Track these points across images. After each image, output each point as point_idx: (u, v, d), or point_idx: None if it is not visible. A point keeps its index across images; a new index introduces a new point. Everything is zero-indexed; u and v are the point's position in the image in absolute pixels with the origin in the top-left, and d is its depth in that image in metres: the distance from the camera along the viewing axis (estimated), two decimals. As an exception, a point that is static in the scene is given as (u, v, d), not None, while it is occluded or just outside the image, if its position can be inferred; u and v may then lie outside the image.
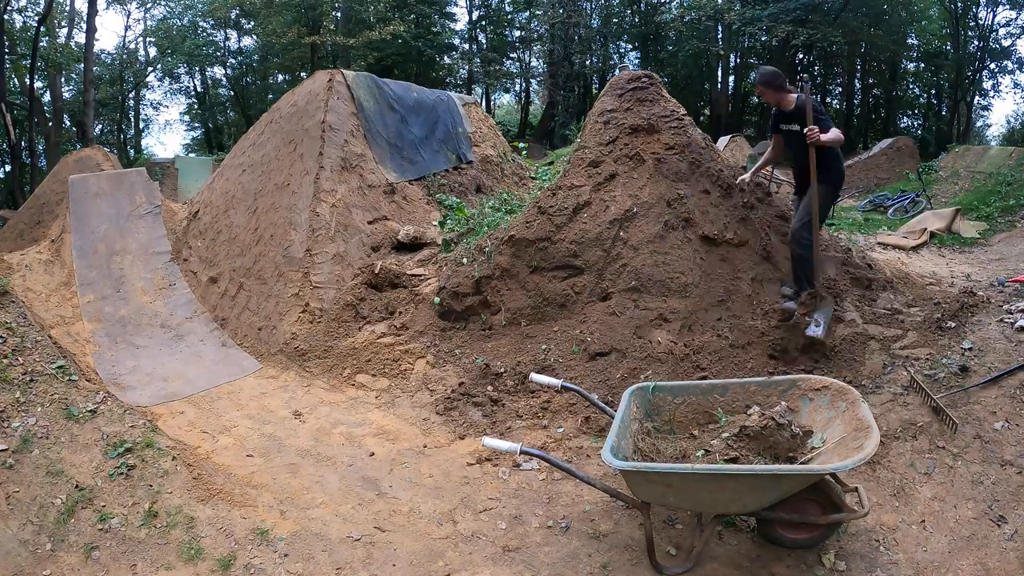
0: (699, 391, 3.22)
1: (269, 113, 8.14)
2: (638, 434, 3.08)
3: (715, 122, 26.66)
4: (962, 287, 5.11)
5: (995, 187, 11.38)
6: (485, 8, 32.46)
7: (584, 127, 5.77)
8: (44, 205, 9.71)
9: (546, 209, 5.25)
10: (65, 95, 24.79)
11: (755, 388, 3.18)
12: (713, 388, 3.22)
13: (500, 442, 2.95)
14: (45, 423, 3.57)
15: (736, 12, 23.12)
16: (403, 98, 8.23)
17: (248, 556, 3.04)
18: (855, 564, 2.78)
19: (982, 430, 3.17)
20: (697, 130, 5.35)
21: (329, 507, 3.47)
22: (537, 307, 5.04)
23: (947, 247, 8.43)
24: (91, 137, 20.44)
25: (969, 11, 25.30)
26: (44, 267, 6.99)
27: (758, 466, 2.63)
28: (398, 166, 7.65)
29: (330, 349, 5.50)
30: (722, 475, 2.53)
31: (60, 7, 23.74)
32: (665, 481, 2.62)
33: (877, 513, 3.02)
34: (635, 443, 3.02)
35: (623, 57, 31.63)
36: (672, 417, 3.20)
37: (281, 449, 4.14)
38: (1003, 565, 2.62)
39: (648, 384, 3.30)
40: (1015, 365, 3.39)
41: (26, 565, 2.90)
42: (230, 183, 7.73)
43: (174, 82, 33.21)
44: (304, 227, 6.36)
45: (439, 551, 3.08)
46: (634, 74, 5.62)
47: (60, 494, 3.22)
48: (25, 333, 4.22)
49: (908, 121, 30.82)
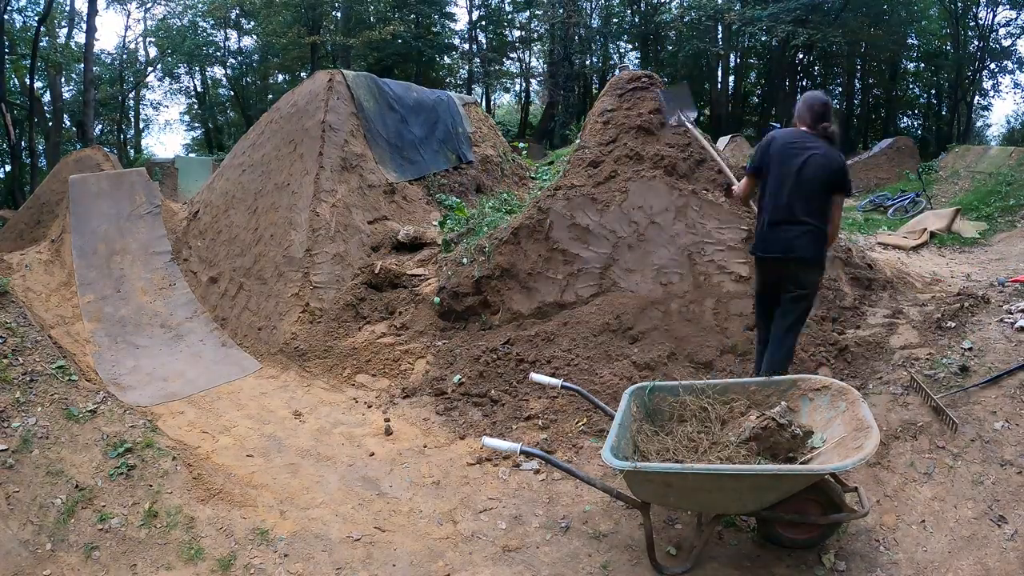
0: (698, 391, 3.22)
1: (269, 113, 8.14)
2: (638, 434, 3.08)
3: (715, 122, 26.68)
4: (962, 287, 5.11)
5: (995, 187, 11.38)
6: (485, 8, 32.46)
7: (584, 127, 5.77)
8: (44, 205, 9.70)
9: (546, 209, 5.25)
10: (65, 95, 24.80)
11: (755, 388, 3.17)
12: (712, 387, 3.22)
13: (500, 442, 2.94)
14: (45, 423, 3.57)
15: (736, 12, 23.12)
16: (403, 98, 8.23)
17: (248, 556, 3.04)
18: (855, 564, 2.78)
19: (982, 430, 3.17)
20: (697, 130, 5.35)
21: (329, 507, 3.47)
22: (538, 307, 5.04)
23: (947, 247, 8.43)
24: (91, 137, 20.46)
25: (969, 11, 25.30)
26: (44, 267, 6.99)
27: (758, 466, 2.63)
28: (398, 166, 7.65)
29: (330, 349, 5.50)
30: (722, 475, 2.53)
31: (60, 7, 23.77)
32: (665, 481, 2.62)
33: (877, 513, 3.02)
34: (635, 443, 3.02)
35: (623, 57, 31.66)
36: (671, 417, 3.20)
37: (281, 449, 4.14)
38: (1003, 565, 2.62)
39: (647, 384, 3.30)
40: (1015, 365, 3.39)
41: (26, 565, 2.90)
42: (230, 183, 7.73)
43: (174, 82, 33.26)
44: (304, 227, 6.36)
45: (439, 551, 3.08)
46: (634, 74, 5.62)
47: (60, 494, 3.21)
48: (25, 333, 4.22)
49: (908, 121, 30.85)
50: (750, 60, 31.27)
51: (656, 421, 3.21)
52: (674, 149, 5.09)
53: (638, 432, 3.09)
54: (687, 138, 5.15)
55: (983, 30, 25.21)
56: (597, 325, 4.68)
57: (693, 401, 3.16)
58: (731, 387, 3.20)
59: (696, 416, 3.12)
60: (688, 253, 4.77)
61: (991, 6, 24.63)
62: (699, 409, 3.13)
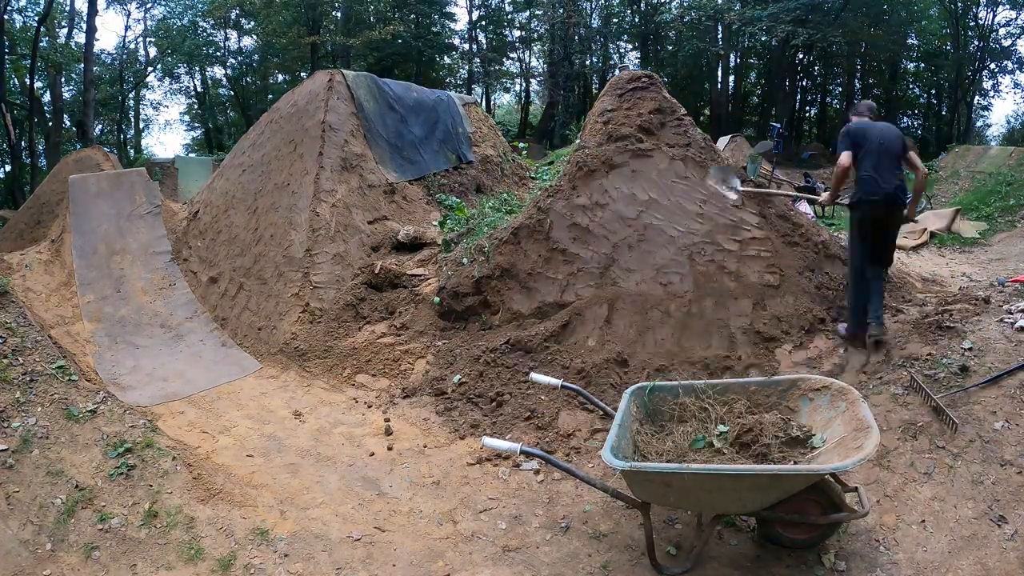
0: (698, 391, 3.22)
1: (269, 113, 8.14)
2: (638, 434, 3.08)
3: (715, 122, 26.64)
4: (962, 287, 5.11)
5: (995, 187, 11.38)
6: (485, 8, 32.43)
7: (584, 127, 5.76)
8: (44, 205, 9.70)
9: (546, 209, 5.25)
10: (65, 95, 24.76)
11: (755, 388, 3.17)
12: (712, 388, 3.22)
13: (500, 442, 2.94)
14: (45, 423, 3.56)
15: (736, 12, 23.08)
16: (403, 98, 8.23)
17: (248, 556, 3.04)
18: (855, 564, 2.78)
19: (982, 430, 3.17)
20: (697, 130, 5.35)
21: (329, 507, 3.47)
22: (538, 307, 5.04)
23: (947, 247, 8.44)
24: (91, 137, 20.44)
25: (969, 11, 25.27)
26: (44, 267, 6.99)
27: (758, 466, 2.63)
28: (398, 166, 7.65)
29: (330, 349, 5.50)
30: (722, 475, 2.53)
31: (60, 7, 23.74)
32: (664, 481, 2.62)
33: (877, 513, 3.02)
34: (635, 443, 3.02)
35: (623, 57, 31.62)
36: (672, 418, 3.20)
37: (281, 449, 4.14)
38: (1003, 565, 2.62)
39: (647, 384, 3.30)
40: (1015, 365, 3.39)
41: (26, 565, 2.90)
42: (230, 183, 7.73)
43: (174, 82, 33.19)
44: (304, 227, 6.36)
45: (439, 551, 3.08)
46: (634, 74, 5.62)
47: (60, 494, 3.21)
48: (25, 333, 4.22)
49: (908, 121, 30.79)
50: (750, 60, 31.22)
51: (656, 421, 3.21)
52: (674, 149, 5.09)
53: (638, 432, 3.08)
54: (687, 138, 5.16)
55: (983, 30, 25.19)
56: (600, 323, 4.68)
57: (693, 402, 3.16)
58: (731, 387, 3.20)
59: (696, 416, 3.12)
60: (689, 253, 4.77)
61: (991, 6, 24.61)
62: (699, 409, 3.13)
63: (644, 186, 5.02)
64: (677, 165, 5.03)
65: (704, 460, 2.93)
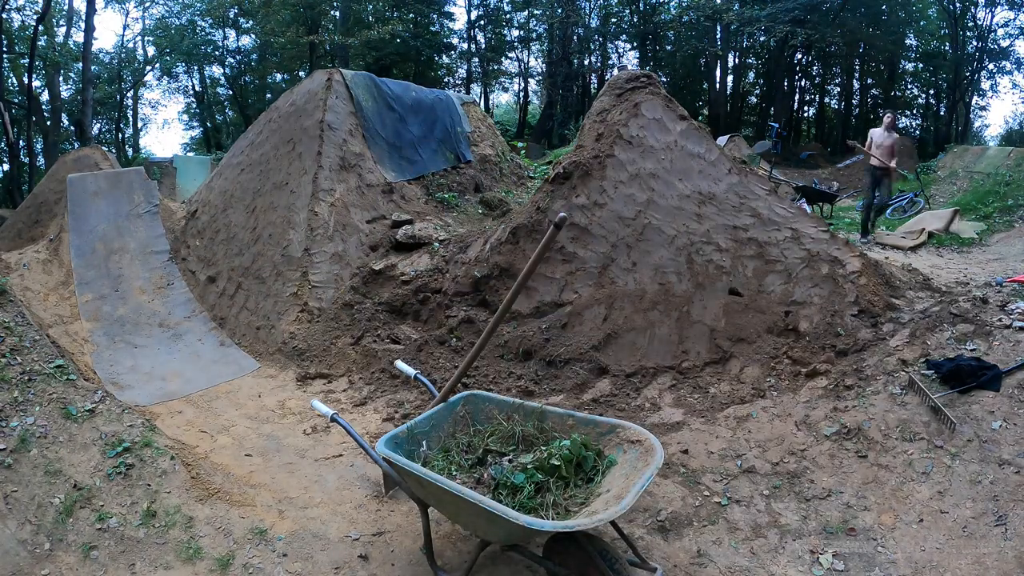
0: (520, 410, 3.07)
1: (268, 112, 8.13)
2: (451, 438, 3.02)
3: (713, 122, 26.65)
4: (961, 287, 5.11)
5: (993, 187, 11.39)
6: (484, 7, 32.41)
7: (583, 127, 5.77)
8: (42, 204, 9.67)
9: (544, 209, 5.25)
10: (63, 94, 24.72)
11: (574, 422, 2.94)
12: (533, 411, 3.05)
13: (320, 405, 3.03)
14: (43, 422, 3.56)
15: (734, 12, 23.10)
16: (402, 97, 8.22)
17: (247, 556, 3.04)
18: (853, 563, 2.79)
19: (980, 429, 3.17)
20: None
21: (328, 506, 3.47)
22: (536, 306, 5.04)
23: (945, 247, 8.44)
24: (89, 136, 20.42)
25: (968, 11, 25.31)
26: (42, 266, 6.97)
27: (483, 497, 2.35)
28: (397, 165, 7.65)
29: (329, 348, 5.50)
30: (447, 490, 2.37)
31: (58, 6, 23.68)
32: (420, 483, 2.55)
33: (876, 512, 3.02)
34: (445, 445, 2.97)
35: (621, 57, 31.64)
36: (492, 431, 3.05)
37: (280, 448, 4.14)
38: (1001, 564, 2.62)
39: (480, 393, 3.25)
40: (1013, 365, 3.40)
41: (24, 565, 2.89)
42: (228, 182, 7.72)
43: (172, 81, 33.19)
44: (302, 226, 6.36)
45: (438, 550, 3.08)
46: (633, 73, 5.62)
47: (58, 493, 3.21)
48: (23, 332, 4.20)
49: (906, 121, 30.81)
50: (748, 60, 31.26)
51: (478, 432, 3.09)
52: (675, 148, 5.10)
53: (452, 436, 3.04)
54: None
55: (981, 31, 25.23)
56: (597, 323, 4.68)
57: (515, 419, 3.03)
58: (550, 415, 3.02)
59: (503, 436, 2.98)
60: (687, 253, 4.77)
61: (989, 7, 24.65)
62: (507, 430, 2.99)
63: (644, 184, 5.02)
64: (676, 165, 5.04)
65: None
